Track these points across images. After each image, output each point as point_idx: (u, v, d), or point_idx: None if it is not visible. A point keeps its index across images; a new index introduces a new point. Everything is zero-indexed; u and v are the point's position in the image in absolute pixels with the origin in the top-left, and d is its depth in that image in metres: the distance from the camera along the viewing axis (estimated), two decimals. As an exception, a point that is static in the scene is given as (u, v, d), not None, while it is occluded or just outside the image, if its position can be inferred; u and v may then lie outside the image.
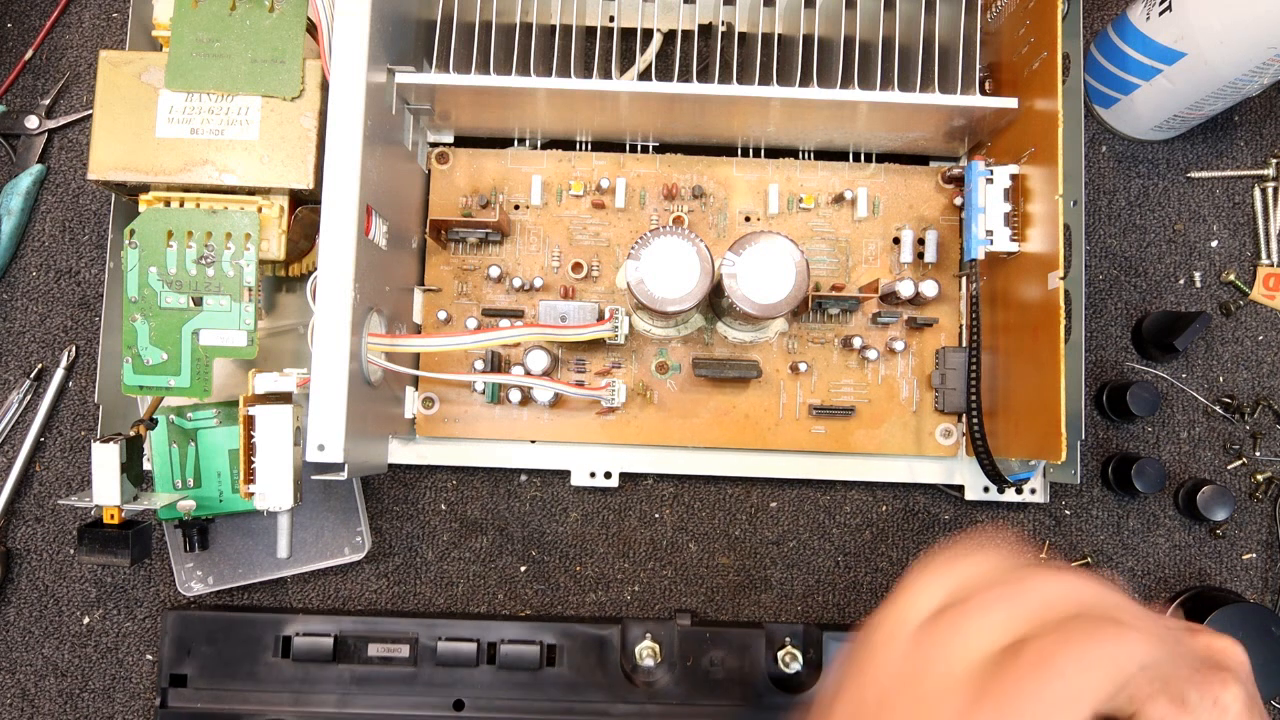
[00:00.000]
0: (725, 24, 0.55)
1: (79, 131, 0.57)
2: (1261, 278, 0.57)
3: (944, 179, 0.55)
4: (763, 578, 0.55)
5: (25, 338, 0.56)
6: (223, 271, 0.47)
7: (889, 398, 0.54)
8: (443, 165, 0.54)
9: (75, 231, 0.56)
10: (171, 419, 0.50)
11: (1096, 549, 0.55)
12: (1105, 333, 0.57)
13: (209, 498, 0.50)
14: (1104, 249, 0.57)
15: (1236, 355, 0.56)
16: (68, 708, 0.53)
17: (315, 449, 0.41)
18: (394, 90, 0.47)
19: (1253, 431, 0.56)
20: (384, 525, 0.55)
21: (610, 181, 0.54)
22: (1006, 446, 0.49)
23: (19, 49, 0.58)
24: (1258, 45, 0.47)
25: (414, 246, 0.53)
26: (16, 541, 0.54)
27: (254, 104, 0.47)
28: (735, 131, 0.53)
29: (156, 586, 0.54)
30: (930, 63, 0.50)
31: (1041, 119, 0.47)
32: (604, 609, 0.55)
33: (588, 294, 0.54)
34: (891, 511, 0.56)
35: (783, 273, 0.46)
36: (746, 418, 0.54)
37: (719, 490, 0.56)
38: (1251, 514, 0.55)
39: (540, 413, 0.53)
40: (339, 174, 0.42)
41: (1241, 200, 0.57)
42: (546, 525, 0.55)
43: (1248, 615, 0.51)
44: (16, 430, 0.55)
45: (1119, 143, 0.58)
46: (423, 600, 0.55)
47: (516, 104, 0.50)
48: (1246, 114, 0.58)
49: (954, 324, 0.54)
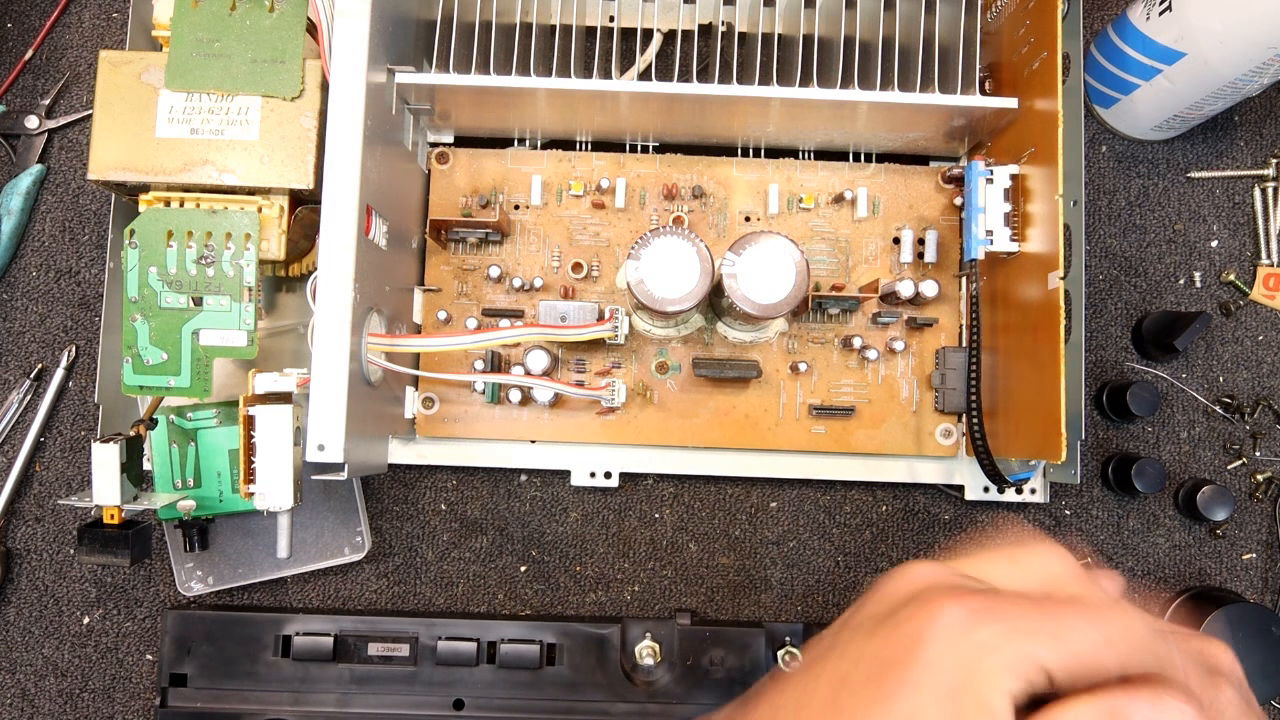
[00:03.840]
0: (725, 24, 0.55)
1: (79, 131, 0.57)
2: (1261, 278, 0.57)
3: (944, 179, 0.55)
4: (763, 578, 0.55)
5: (25, 338, 0.56)
6: (223, 271, 0.47)
7: (889, 398, 0.54)
8: (443, 165, 0.54)
9: (75, 231, 0.56)
10: (171, 419, 0.50)
11: (1096, 549, 0.55)
12: (1105, 333, 0.57)
13: (209, 498, 0.50)
14: (1104, 249, 0.57)
15: (1236, 355, 0.56)
16: (68, 708, 0.53)
17: (315, 449, 0.41)
18: (394, 90, 0.47)
19: (1253, 431, 0.56)
20: (384, 525, 0.55)
21: (610, 181, 0.54)
22: (1006, 446, 0.49)
23: (19, 49, 0.58)
24: (1258, 45, 0.47)
25: (414, 246, 0.53)
26: (16, 541, 0.55)
27: (254, 104, 0.47)
28: (735, 131, 0.53)
29: (156, 586, 0.54)
30: (930, 63, 0.50)
31: (1041, 119, 0.47)
32: (604, 609, 0.55)
33: (588, 294, 0.54)
34: (891, 511, 0.56)
35: (783, 273, 0.46)
36: (746, 418, 0.54)
37: (719, 490, 0.56)
38: (1251, 514, 0.55)
39: (540, 413, 0.53)
40: (339, 174, 0.42)
41: (1241, 200, 0.57)
42: (546, 525, 0.55)
43: (1248, 615, 0.51)
44: (16, 430, 0.55)
45: (1119, 143, 0.58)
46: (423, 600, 0.55)
47: (516, 104, 0.50)
48: (1246, 114, 0.58)
49: (954, 324, 0.54)
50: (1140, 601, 0.30)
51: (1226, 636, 0.50)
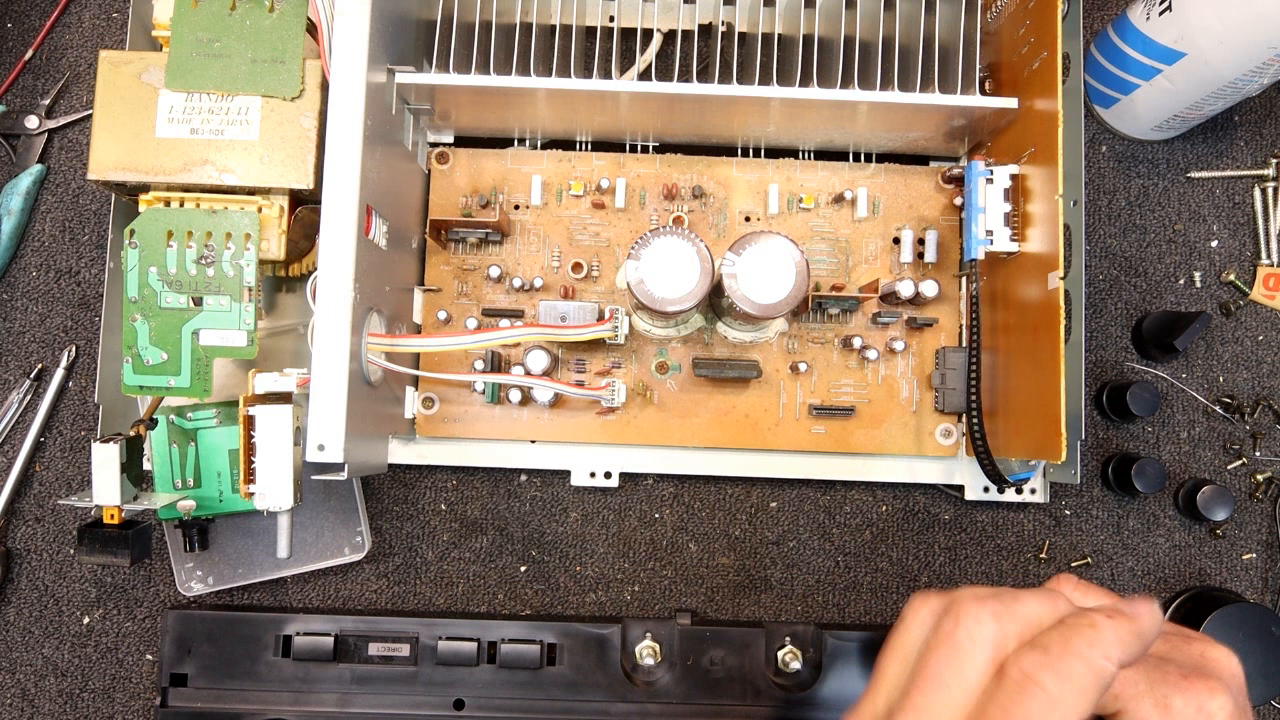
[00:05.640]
0: (725, 24, 0.55)
1: (79, 131, 0.57)
2: (1261, 278, 0.57)
3: (944, 179, 0.55)
4: (763, 578, 0.55)
5: (25, 338, 0.56)
6: (223, 271, 0.47)
7: (889, 398, 0.54)
8: (443, 165, 0.54)
9: (75, 231, 0.56)
10: (171, 419, 0.50)
11: (1096, 549, 0.55)
12: (1105, 333, 0.57)
13: (209, 498, 0.50)
14: (1104, 249, 0.57)
15: (1236, 355, 0.56)
16: (68, 708, 0.53)
17: (315, 449, 0.41)
18: (394, 90, 0.47)
19: (1253, 431, 0.56)
20: (384, 525, 0.55)
21: (610, 181, 0.54)
22: (1006, 446, 0.49)
23: (19, 49, 0.58)
24: (1258, 45, 0.47)
25: (414, 246, 0.53)
26: (16, 541, 0.55)
27: (254, 104, 0.47)
28: (735, 131, 0.53)
29: (156, 586, 0.54)
30: (930, 63, 0.50)
31: (1041, 119, 0.47)
32: (604, 609, 0.55)
33: (588, 294, 0.54)
34: (891, 511, 0.56)
35: (783, 273, 0.46)
36: (746, 418, 0.54)
37: (719, 490, 0.56)
38: (1251, 514, 0.55)
39: (540, 413, 0.53)
40: (339, 174, 0.42)
41: (1241, 200, 0.57)
42: (546, 525, 0.55)
43: (1248, 615, 0.51)
44: (16, 430, 0.55)
45: (1119, 143, 0.58)
46: (423, 600, 0.55)
47: (516, 104, 0.50)
48: (1246, 114, 0.58)
49: (954, 324, 0.54)
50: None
51: (1226, 636, 0.50)
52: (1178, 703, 0.29)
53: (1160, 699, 0.29)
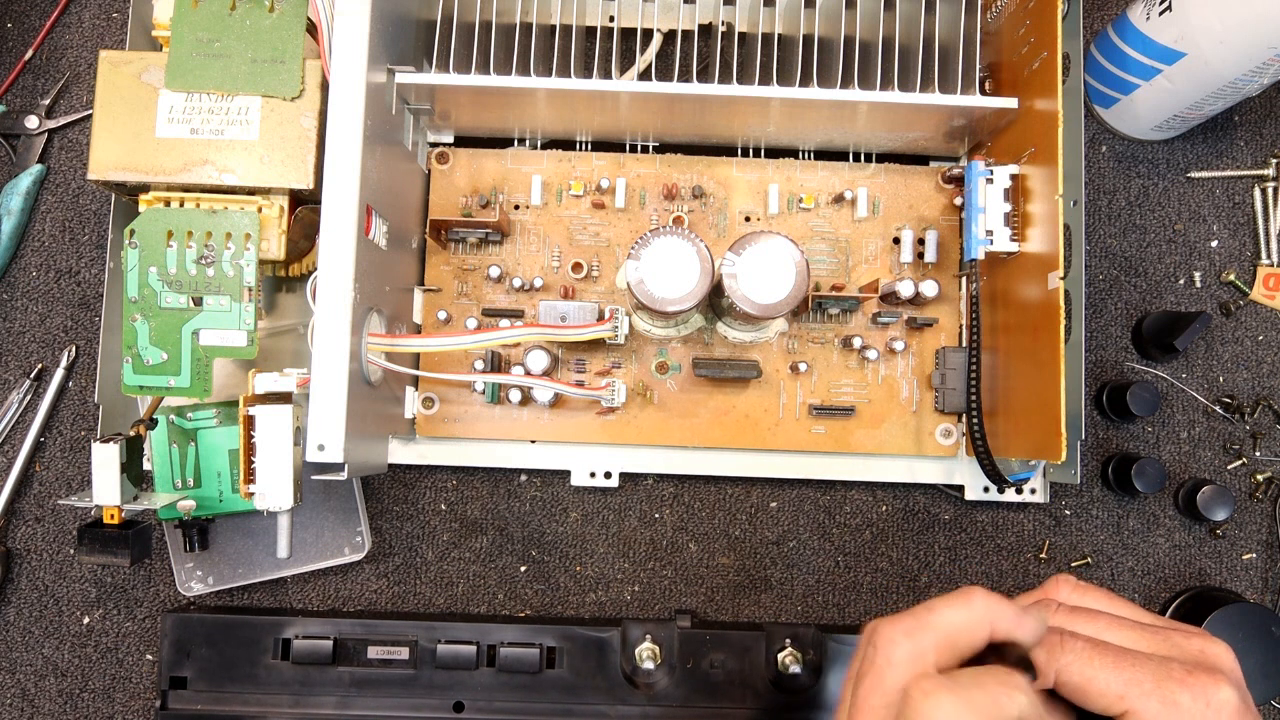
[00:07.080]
0: (725, 24, 0.55)
1: (79, 131, 0.57)
2: (1261, 278, 0.57)
3: (944, 179, 0.55)
4: (763, 578, 0.55)
5: (25, 338, 0.56)
6: (223, 271, 0.47)
7: (889, 398, 0.54)
8: (443, 165, 0.54)
9: (75, 231, 0.56)
10: (171, 419, 0.50)
11: (1096, 549, 0.55)
12: (1105, 333, 0.57)
13: (209, 498, 0.50)
14: (1104, 249, 0.57)
15: (1236, 355, 0.56)
16: (68, 708, 0.53)
17: (315, 449, 0.41)
18: (394, 90, 0.47)
19: (1253, 431, 0.56)
20: (384, 525, 0.55)
21: (610, 181, 0.54)
22: (1006, 446, 0.49)
23: (19, 49, 0.58)
24: (1258, 45, 0.47)
25: (414, 246, 0.53)
26: (16, 541, 0.54)
27: (254, 104, 0.47)
28: (735, 131, 0.53)
29: (156, 586, 0.54)
30: (930, 63, 0.50)
31: (1041, 119, 0.47)
32: (604, 609, 0.55)
33: (588, 294, 0.54)
34: (891, 511, 0.56)
35: (783, 273, 0.46)
36: (746, 418, 0.54)
37: (719, 490, 0.56)
38: (1251, 514, 0.55)
39: (540, 413, 0.53)
40: (339, 174, 0.42)
41: (1241, 200, 0.57)
42: (546, 525, 0.55)
43: (1248, 615, 0.51)
44: (16, 430, 0.55)
45: (1119, 143, 0.58)
46: (423, 600, 0.55)
47: (516, 104, 0.50)
48: (1246, 114, 0.58)
49: (954, 324, 0.54)
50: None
51: (1226, 636, 0.50)
52: (1185, 699, 0.29)
53: (1167, 696, 0.29)
